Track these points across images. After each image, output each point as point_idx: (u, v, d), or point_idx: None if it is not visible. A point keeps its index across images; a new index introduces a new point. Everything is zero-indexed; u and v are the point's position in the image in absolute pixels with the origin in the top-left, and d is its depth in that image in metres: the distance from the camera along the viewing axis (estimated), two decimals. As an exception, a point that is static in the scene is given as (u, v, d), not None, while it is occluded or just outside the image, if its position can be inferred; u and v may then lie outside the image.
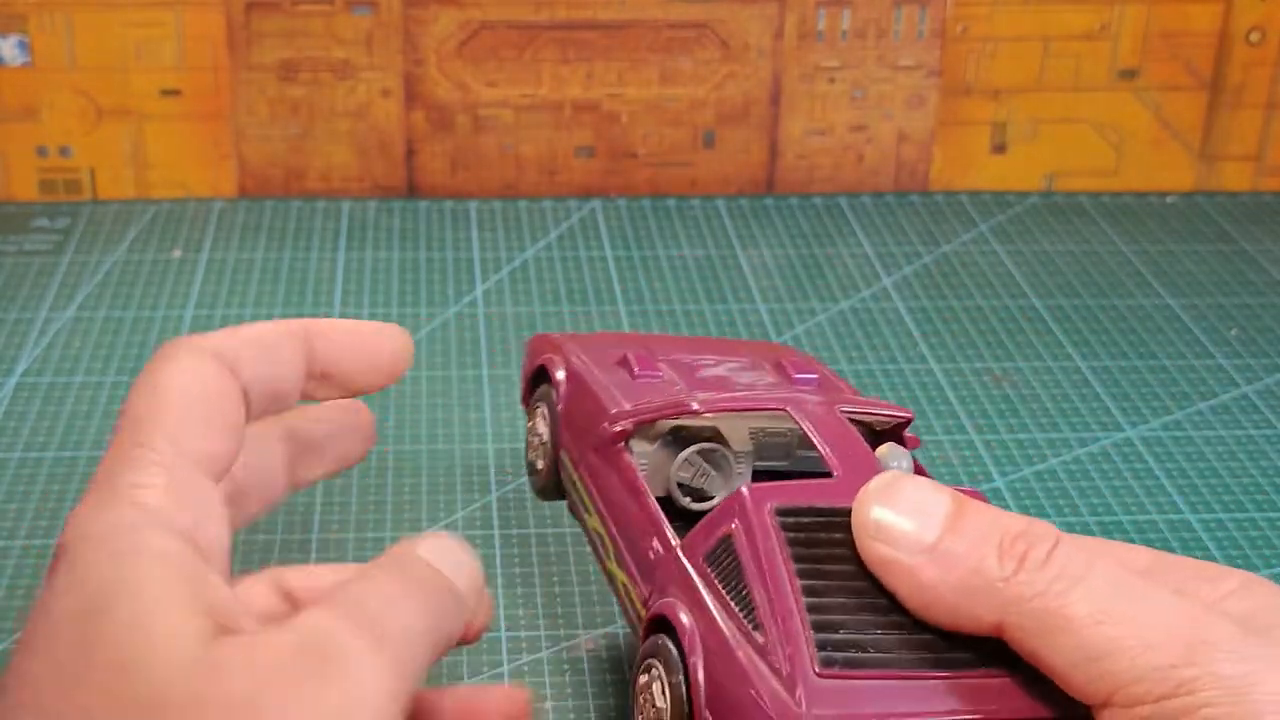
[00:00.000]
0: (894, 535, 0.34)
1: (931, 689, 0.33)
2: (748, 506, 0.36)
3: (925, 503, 0.35)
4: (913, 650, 0.34)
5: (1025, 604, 0.33)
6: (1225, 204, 0.84)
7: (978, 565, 0.33)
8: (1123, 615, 0.32)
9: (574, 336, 0.49)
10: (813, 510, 0.36)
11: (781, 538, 0.35)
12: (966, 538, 0.34)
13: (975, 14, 0.81)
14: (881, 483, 0.35)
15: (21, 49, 0.77)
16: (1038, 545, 0.33)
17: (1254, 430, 0.63)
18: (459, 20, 0.79)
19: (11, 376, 0.65)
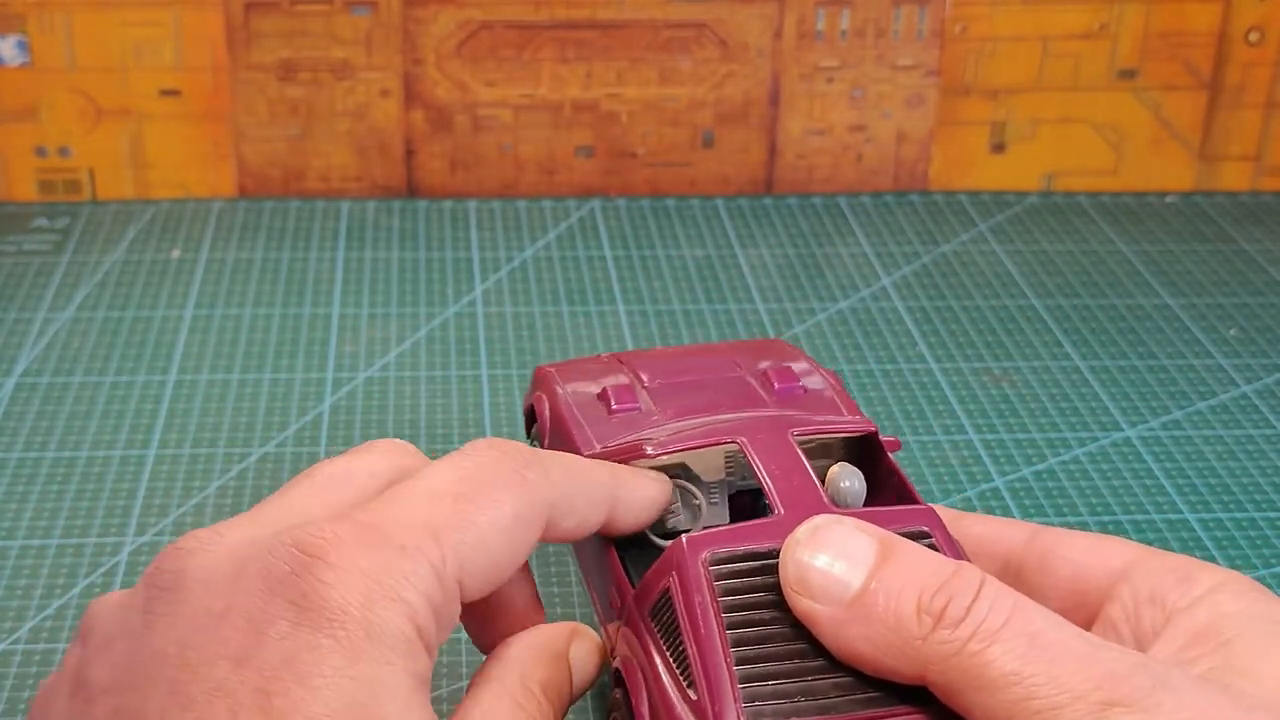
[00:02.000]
0: (815, 588, 0.34)
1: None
2: (685, 559, 0.36)
3: (850, 549, 0.35)
4: (844, 693, 0.34)
5: (943, 662, 0.33)
6: (1225, 204, 0.84)
7: (896, 623, 0.34)
8: (1037, 674, 0.32)
9: (567, 367, 0.50)
10: (749, 555, 0.36)
11: (713, 590, 0.35)
12: (888, 588, 0.34)
13: (974, 14, 0.81)
14: (806, 530, 0.36)
15: (21, 49, 0.77)
16: (957, 598, 0.33)
17: (1253, 430, 0.63)
18: (458, 20, 0.79)
19: (11, 376, 0.65)
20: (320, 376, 0.65)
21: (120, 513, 0.56)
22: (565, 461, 0.38)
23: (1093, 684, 0.32)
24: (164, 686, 0.31)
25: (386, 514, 0.34)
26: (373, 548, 0.33)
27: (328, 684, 0.31)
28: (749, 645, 0.34)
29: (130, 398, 0.64)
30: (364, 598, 0.32)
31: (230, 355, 0.67)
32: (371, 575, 0.32)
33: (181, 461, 0.59)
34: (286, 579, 0.32)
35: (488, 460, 0.36)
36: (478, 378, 0.65)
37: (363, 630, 0.31)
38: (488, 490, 0.35)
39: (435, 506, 0.35)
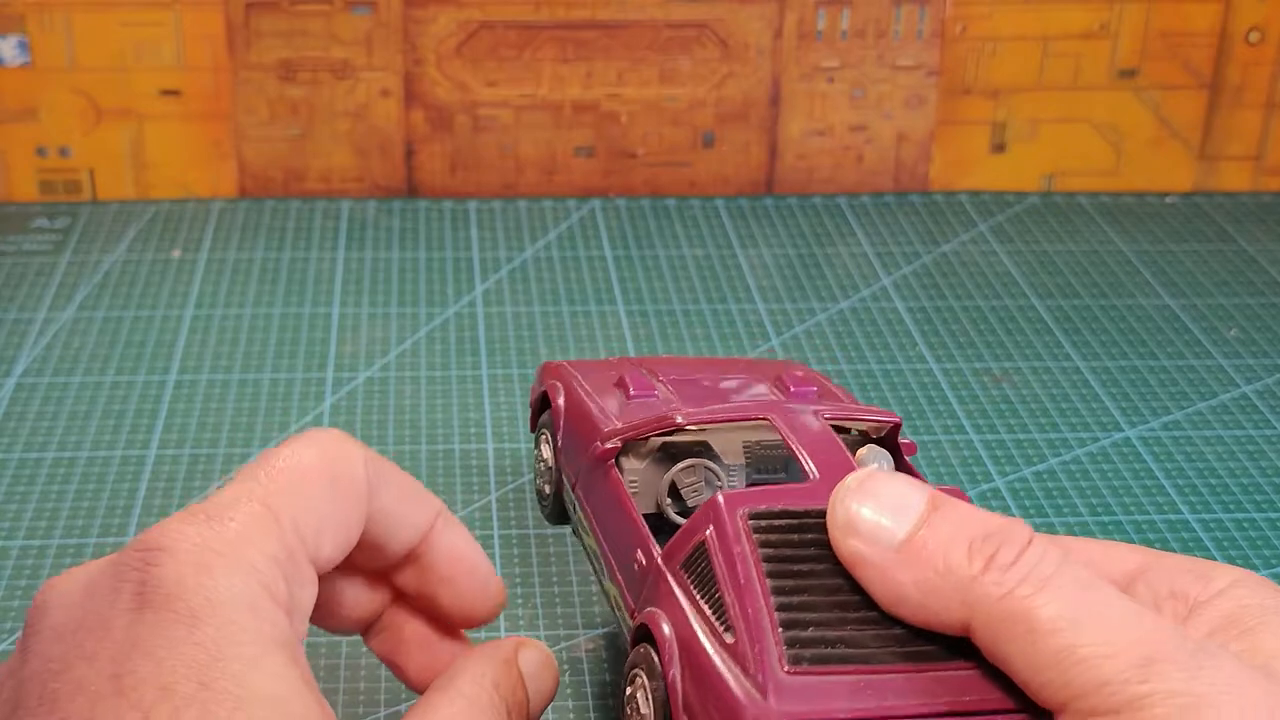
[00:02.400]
0: (866, 531, 0.35)
1: (902, 682, 0.33)
2: (721, 513, 0.36)
3: (900, 499, 0.35)
4: (884, 645, 0.34)
5: (991, 604, 0.33)
6: (1225, 204, 0.84)
7: (945, 563, 0.34)
8: (1085, 623, 0.32)
9: (579, 364, 0.50)
10: (786, 514, 0.36)
11: (753, 541, 0.36)
12: (937, 535, 0.34)
13: (975, 14, 0.81)
14: (857, 479, 0.36)
15: (21, 49, 0.77)
16: (1008, 545, 0.34)
17: (1253, 430, 0.63)
18: (458, 20, 0.79)
19: (11, 377, 0.65)
20: (320, 376, 0.65)
21: (120, 513, 0.56)
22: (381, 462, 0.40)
23: (1137, 640, 0.32)
24: (34, 699, 0.32)
25: (217, 499, 0.35)
26: (208, 525, 0.34)
27: (172, 653, 0.31)
28: (788, 595, 0.34)
29: (130, 398, 0.64)
30: (197, 568, 0.32)
31: (230, 355, 0.67)
32: (205, 547, 0.33)
33: (181, 461, 0.59)
34: (129, 575, 0.33)
35: (300, 441, 0.37)
36: (478, 378, 0.65)
37: (202, 597, 0.32)
38: (310, 466, 0.36)
39: (255, 481, 0.35)
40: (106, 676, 0.31)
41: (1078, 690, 0.32)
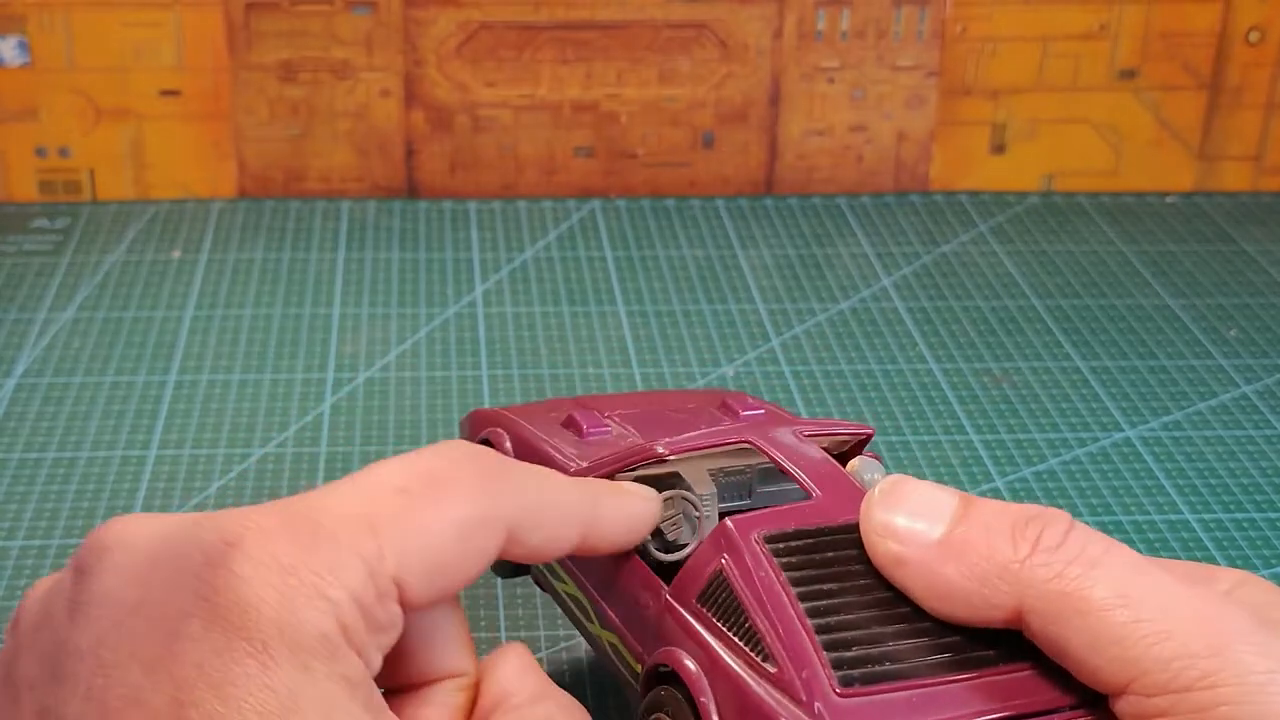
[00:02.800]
0: (903, 533, 0.34)
1: (954, 692, 0.33)
2: (735, 538, 0.35)
3: (932, 500, 0.35)
4: (929, 655, 0.33)
5: (1042, 586, 0.32)
6: (1225, 204, 0.84)
7: (990, 551, 0.33)
8: (1143, 600, 0.32)
9: (514, 409, 0.48)
10: (801, 533, 0.36)
11: (774, 563, 0.35)
12: (976, 525, 0.34)
13: (975, 14, 0.81)
14: (887, 486, 0.35)
15: (21, 49, 0.77)
16: (1051, 528, 0.33)
17: (1253, 430, 0.63)
18: (458, 20, 0.79)
19: (11, 377, 0.65)
20: (320, 377, 0.65)
21: (121, 513, 0.56)
22: (537, 472, 0.36)
23: (1202, 617, 0.31)
24: (81, 688, 0.30)
25: (320, 503, 0.32)
26: (297, 539, 0.31)
27: (243, 692, 0.29)
28: (824, 615, 0.34)
29: (130, 398, 0.64)
30: (280, 595, 0.30)
31: (230, 355, 0.67)
32: (291, 569, 0.30)
33: (181, 462, 0.59)
34: (200, 570, 0.30)
35: (447, 459, 0.34)
36: (478, 378, 0.65)
37: (276, 631, 0.29)
38: (442, 488, 0.33)
39: (378, 498, 0.32)
40: (167, 698, 0.29)
41: (1142, 669, 0.31)
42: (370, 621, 0.31)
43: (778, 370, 0.66)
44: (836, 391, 0.65)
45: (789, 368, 0.67)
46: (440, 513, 0.33)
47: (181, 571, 0.30)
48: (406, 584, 0.32)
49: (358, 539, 0.31)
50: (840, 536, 0.36)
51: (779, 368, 0.67)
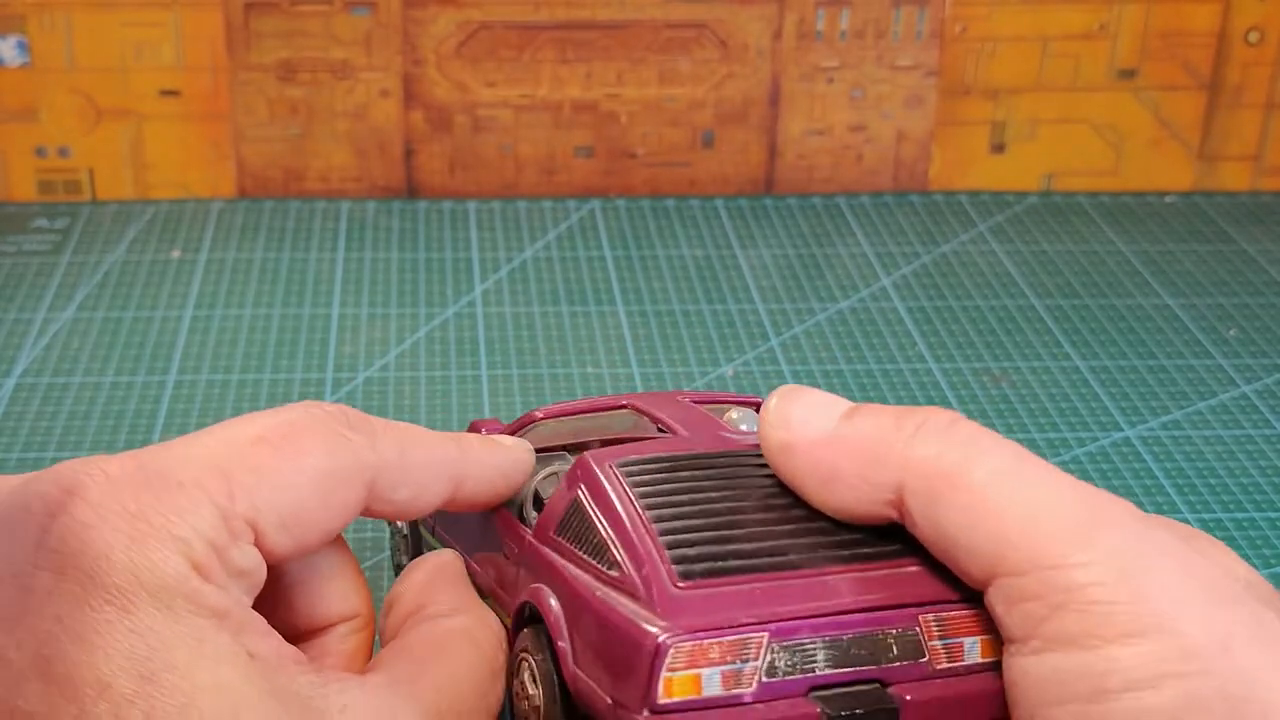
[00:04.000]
0: (795, 423, 0.34)
1: (802, 585, 0.32)
2: (590, 467, 0.35)
3: (827, 401, 0.35)
4: (786, 553, 0.33)
5: (922, 465, 0.32)
6: (1224, 204, 0.84)
7: (876, 433, 0.33)
8: (1021, 481, 0.31)
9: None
10: (658, 459, 0.36)
11: (625, 483, 0.35)
12: (865, 416, 0.34)
13: (974, 14, 0.81)
14: (786, 389, 0.35)
15: (21, 49, 0.77)
16: (935, 417, 0.33)
17: (1253, 430, 0.63)
18: (458, 20, 0.79)
19: (10, 377, 0.65)
20: (320, 377, 0.65)
21: (120, 513, 0.56)
22: (400, 430, 0.36)
23: (1078, 501, 0.31)
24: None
25: (173, 452, 0.32)
26: (146, 484, 0.31)
27: (107, 641, 0.28)
28: (670, 521, 0.34)
29: (130, 398, 0.64)
30: (129, 539, 0.29)
31: (230, 355, 0.67)
32: (138, 514, 0.30)
33: (181, 462, 0.59)
34: (42, 522, 0.30)
35: (302, 413, 0.34)
36: (477, 378, 0.65)
37: (131, 575, 0.29)
38: (299, 439, 0.33)
39: (233, 447, 0.32)
40: (31, 654, 0.29)
41: (1011, 544, 0.30)
42: (227, 563, 0.31)
43: (777, 370, 0.66)
44: (836, 391, 0.65)
45: (788, 368, 0.67)
46: (297, 463, 0.33)
47: (23, 525, 0.30)
48: (262, 530, 0.32)
49: (208, 483, 0.31)
50: (699, 460, 0.36)
51: (778, 368, 0.67)
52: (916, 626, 0.32)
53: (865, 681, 0.32)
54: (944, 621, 0.32)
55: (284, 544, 0.33)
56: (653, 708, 0.31)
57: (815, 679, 0.31)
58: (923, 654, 0.32)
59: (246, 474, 0.32)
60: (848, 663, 0.32)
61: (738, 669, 0.31)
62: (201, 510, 0.31)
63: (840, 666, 0.32)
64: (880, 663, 0.32)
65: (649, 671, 0.31)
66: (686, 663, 0.31)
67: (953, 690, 0.32)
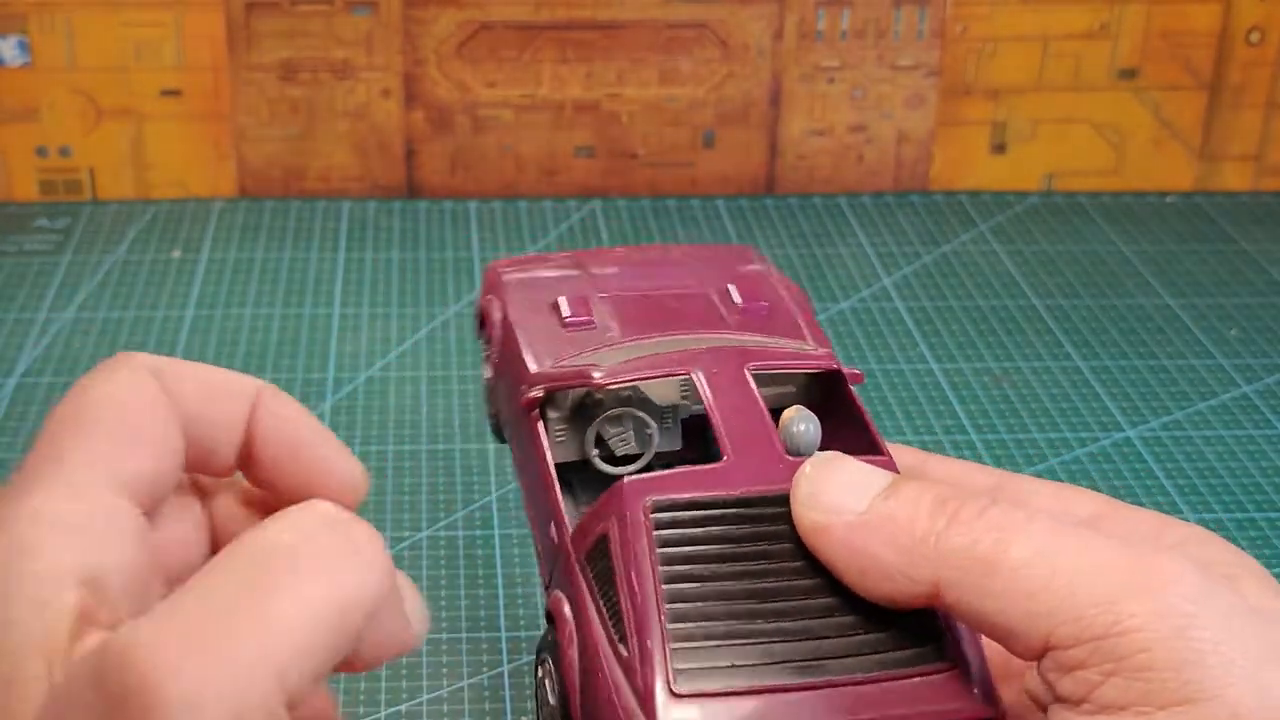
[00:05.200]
0: (829, 504, 0.34)
1: (800, 703, 0.32)
2: (624, 502, 0.35)
3: (862, 476, 0.34)
4: (787, 658, 0.32)
5: (959, 555, 0.32)
6: (1225, 204, 0.84)
7: (910, 524, 0.33)
8: (1059, 554, 0.31)
9: (522, 266, 0.46)
10: (692, 504, 0.35)
11: (652, 541, 0.34)
12: (901, 500, 0.33)
13: (975, 14, 0.81)
14: (819, 460, 0.35)
15: (21, 49, 0.77)
16: (971, 502, 0.33)
17: (1254, 430, 0.63)
18: (458, 20, 0.79)
19: (11, 377, 0.65)
20: (321, 376, 0.65)
21: (121, 513, 0.56)
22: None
23: (1127, 560, 0.30)
24: None
25: (21, 473, 0.32)
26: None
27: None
28: (685, 602, 0.33)
29: (131, 398, 0.64)
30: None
31: (231, 355, 0.67)
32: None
33: (182, 461, 0.59)
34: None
35: (92, 386, 0.33)
36: (478, 378, 0.65)
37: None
38: (93, 399, 0.33)
39: (53, 441, 0.32)
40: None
41: (1057, 620, 0.30)
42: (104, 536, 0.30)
43: (778, 370, 0.66)
44: (837, 391, 0.65)
45: (789, 367, 0.67)
46: (110, 422, 0.32)
47: None
48: (126, 487, 0.31)
49: (59, 476, 0.32)
50: (738, 510, 0.35)
51: (779, 367, 0.67)
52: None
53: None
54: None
55: (152, 488, 0.32)
56: None
57: None
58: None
59: (92, 432, 0.32)
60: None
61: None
62: (51, 481, 0.32)
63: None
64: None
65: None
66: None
67: None
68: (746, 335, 0.41)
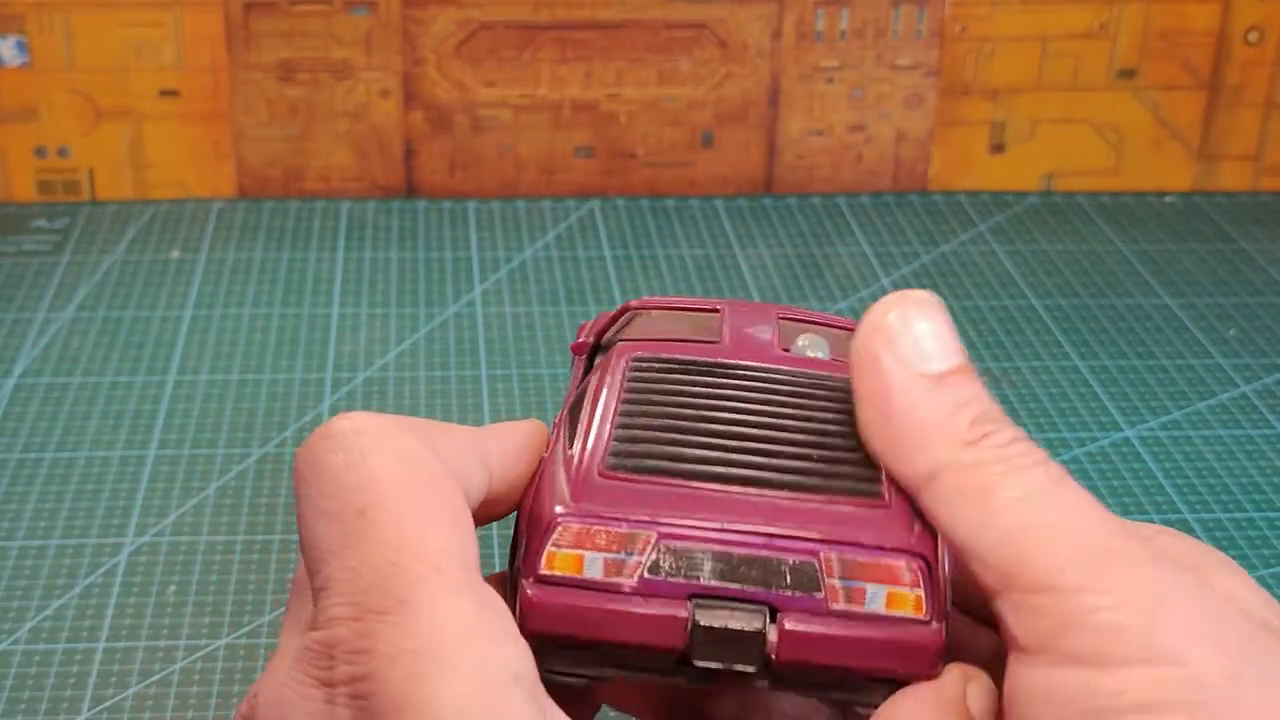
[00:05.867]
0: (903, 344, 0.33)
1: (715, 498, 0.32)
2: (611, 355, 0.37)
3: (940, 343, 0.34)
4: (712, 465, 0.33)
5: (960, 469, 0.32)
6: (1224, 204, 0.84)
7: (949, 417, 0.33)
8: (1045, 508, 0.31)
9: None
10: (670, 360, 0.36)
11: (625, 377, 0.36)
12: (960, 390, 0.33)
13: (974, 14, 0.81)
14: (915, 297, 0.34)
15: (20, 49, 0.77)
16: (1005, 430, 0.33)
17: (1253, 430, 0.63)
18: (457, 20, 0.79)
19: (10, 377, 0.65)
20: (320, 377, 0.65)
21: (120, 513, 0.56)
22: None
23: (1097, 533, 0.31)
24: None
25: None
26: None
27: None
28: (636, 416, 0.34)
29: (130, 398, 0.64)
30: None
31: (230, 355, 0.67)
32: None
33: (181, 462, 0.59)
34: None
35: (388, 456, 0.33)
36: (477, 378, 0.65)
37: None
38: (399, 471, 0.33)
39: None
40: None
41: (1028, 562, 0.30)
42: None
43: (777, 370, 0.66)
44: (836, 391, 0.65)
45: (788, 367, 0.67)
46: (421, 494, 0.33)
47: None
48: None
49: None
50: (713, 368, 0.36)
51: (778, 367, 0.67)
52: (815, 560, 0.32)
53: (752, 601, 0.32)
54: (849, 563, 0.32)
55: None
56: (536, 576, 0.32)
57: (697, 587, 0.32)
58: (818, 589, 0.32)
59: (437, 528, 0.32)
60: (735, 579, 0.32)
61: (621, 559, 0.32)
62: (444, 590, 0.31)
63: (727, 581, 0.32)
64: (771, 587, 0.32)
65: (541, 543, 0.32)
66: (572, 542, 0.32)
67: (841, 631, 0.32)
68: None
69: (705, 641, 0.32)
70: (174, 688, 0.48)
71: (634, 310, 0.40)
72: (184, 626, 0.51)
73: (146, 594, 0.52)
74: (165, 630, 0.50)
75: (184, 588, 0.53)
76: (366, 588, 0.30)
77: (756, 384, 0.36)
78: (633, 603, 0.32)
